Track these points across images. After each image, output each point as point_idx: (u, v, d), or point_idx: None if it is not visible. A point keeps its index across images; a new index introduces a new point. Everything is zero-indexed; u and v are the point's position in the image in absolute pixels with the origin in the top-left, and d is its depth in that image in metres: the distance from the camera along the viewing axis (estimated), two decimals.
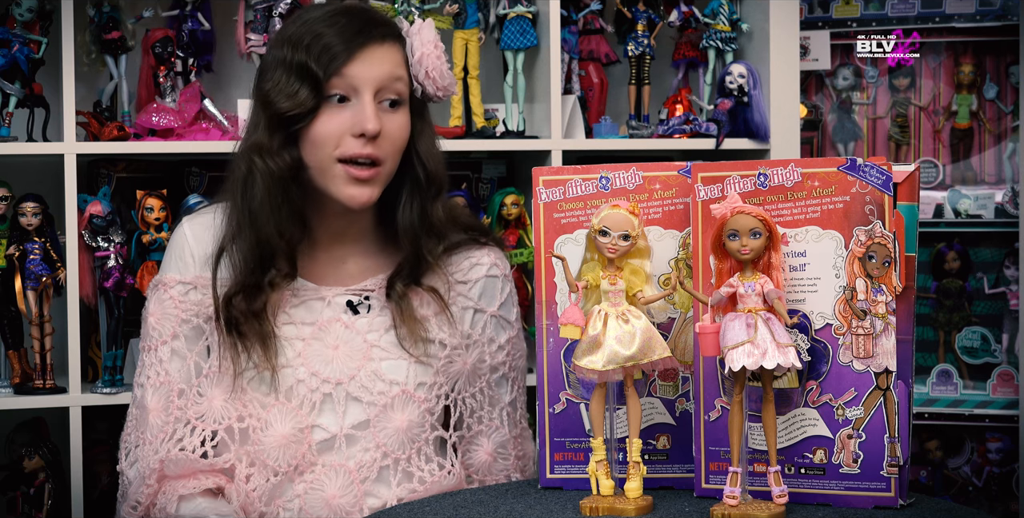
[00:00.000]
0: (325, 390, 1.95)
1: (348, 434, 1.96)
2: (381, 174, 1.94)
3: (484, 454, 2.05)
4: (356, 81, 1.91)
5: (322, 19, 1.94)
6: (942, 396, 3.22)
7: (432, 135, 2.01)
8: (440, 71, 1.96)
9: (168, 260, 2.03)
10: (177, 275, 2.00)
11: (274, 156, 1.92)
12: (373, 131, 1.90)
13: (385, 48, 1.94)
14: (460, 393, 2.04)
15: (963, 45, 3.29)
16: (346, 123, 1.91)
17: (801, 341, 1.67)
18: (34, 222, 2.53)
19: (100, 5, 2.65)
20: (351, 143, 1.91)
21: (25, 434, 2.64)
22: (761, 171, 1.67)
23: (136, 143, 2.62)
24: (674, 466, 1.79)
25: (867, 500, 1.66)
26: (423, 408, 1.99)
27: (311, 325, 1.97)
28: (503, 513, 1.68)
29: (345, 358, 1.96)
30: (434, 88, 1.97)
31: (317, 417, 1.95)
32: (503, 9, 2.80)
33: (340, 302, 1.99)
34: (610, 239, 1.66)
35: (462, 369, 2.03)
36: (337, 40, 1.91)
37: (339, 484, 1.94)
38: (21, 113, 2.59)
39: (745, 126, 2.87)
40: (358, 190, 1.93)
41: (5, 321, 2.60)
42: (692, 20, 2.93)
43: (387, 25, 1.97)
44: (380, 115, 1.92)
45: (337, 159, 1.92)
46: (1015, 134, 3.24)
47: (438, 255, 2.00)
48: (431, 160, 1.98)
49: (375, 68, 1.92)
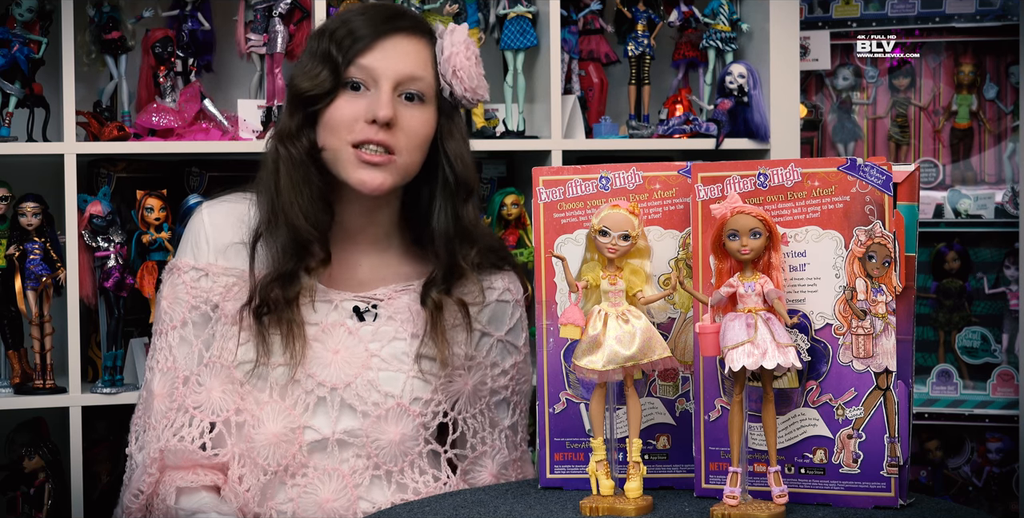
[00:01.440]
0: (320, 393, 1.94)
1: (340, 439, 1.95)
2: (395, 163, 1.93)
3: (488, 475, 2.05)
4: (375, 71, 1.93)
5: (357, 11, 1.98)
6: (942, 396, 3.22)
7: (462, 138, 2.00)
8: (468, 72, 1.95)
9: (184, 245, 2.03)
10: (191, 260, 2.00)
11: (294, 140, 1.94)
12: (385, 117, 1.90)
13: (411, 41, 1.95)
14: (461, 413, 2.02)
15: (963, 45, 3.29)
16: (360, 110, 1.93)
17: (801, 341, 1.67)
18: (34, 222, 2.53)
19: (100, 5, 2.65)
20: (364, 128, 1.92)
21: (25, 434, 2.64)
22: (761, 171, 1.67)
23: (136, 143, 2.62)
24: (674, 466, 1.79)
25: (867, 500, 1.66)
26: (417, 422, 1.98)
27: (315, 326, 1.96)
28: (503, 513, 1.68)
29: (344, 364, 1.95)
30: (462, 89, 1.96)
31: (310, 418, 1.95)
32: (503, 9, 2.80)
33: (347, 307, 1.99)
34: (610, 239, 1.66)
35: (462, 389, 2.02)
36: (363, 27, 1.94)
37: (332, 488, 1.94)
38: (21, 113, 2.59)
39: (745, 126, 2.87)
40: (368, 174, 1.93)
41: (5, 321, 2.60)
42: (692, 20, 2.93)
43: (417, 20, 1.99)
44: (397, 106, 1.93)
45: (350, 144, 1.93)
46: (1015, 134, 3.24)
47: (472, 261, 1.99)
48: (459, 161, 1.98)
49: (396, 60, 1.93)
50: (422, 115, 1.95)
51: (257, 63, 2.71)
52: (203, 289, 1.98)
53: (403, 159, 1.94)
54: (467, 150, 2.00)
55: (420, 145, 1.96)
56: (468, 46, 1.97)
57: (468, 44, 1.97)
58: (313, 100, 1.94)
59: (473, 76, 1.96)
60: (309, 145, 1.95)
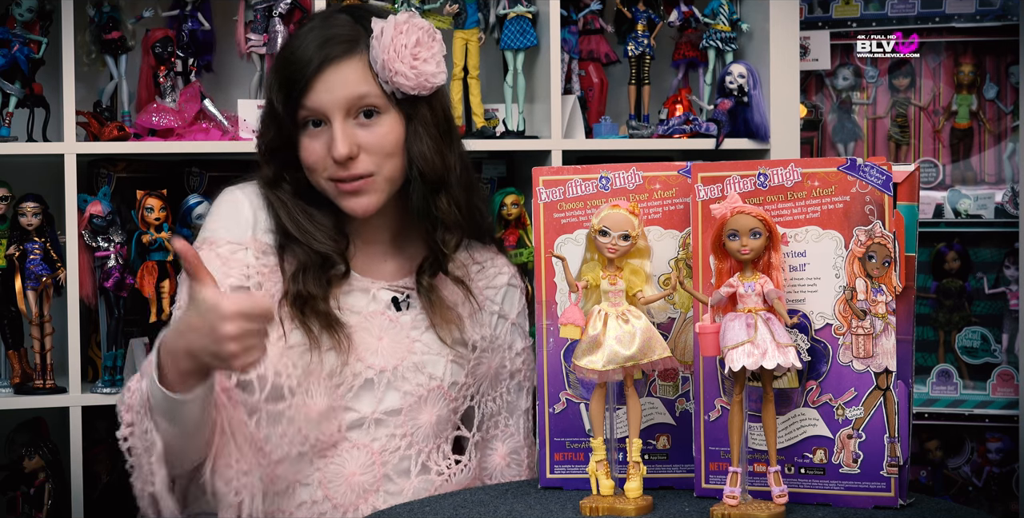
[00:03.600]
0: (368, 375, 1.98)
1: (379, 418, 1.99)
2: (375, 182, 1.96)
3: (498, 458, 2.11)
4: (321, 108, 1.94)
5: (294, 39, 2.00)
6: (942, 396, 3.22)
7: (427, 133, 1.98)
8: (406, 73, 1.93)
9: (216, 221, 2.02)
10: (226, 234, 1.99)
11: (278, 185, 2.00)
12: (341, 157, 1.92)
13: (347, 65, 1.94)
14: (483, 396, 2.09)
15: (963, 45, 3.29)
16: (324, 148, 1.95)
17: (801, 341, 1.67)
18: (34, 222, 2.53)
19: (100, 5, 2.65)
20: (333, 167, 1.95)
21: (25, 434, 2.64)
22: (761, 171, 1.67)
23: (136, 143, 2.62)
24: (674, 466, 1.79)
25: (867, 500, 1.66)
26: (451, 406, 2.04)
27: (357, 314, 2.00)
28: (503, 513, 1.68)
29: (390, 349, 2.00)
30: (409, 87, 1.94)
31: (353, 400, 1.97)
32: (503, 9, 2.80)
33: (384, 297, 2.03)
34: (610, 239, 1.66)
35: (487, 372, 2.08)
36: (297, 69, 1.94)
37: (360, 463, 1.97)
38: (21, 113, 2.59)
39: (745, 126, 2.86)
40: (354, 202, 1.97)
41: (5, 321, 2.60)
42: (692, 20, 2.93)
43: (348, 37, 1.96)
44: (356, 132, 1.94)
45: (328, 179, 1.97)
46: (1015, 134, 3.24)
47: (452, 247, 2.02)
48: (422, 160, 1.97)
49: (338, 90, 1.93)
50: (382, 128, 1.96)
51: (257, 63, 2.71)
52: (241, 262, 1.97)
53: (382, 175, 1.97)
54: (433, 145, 1.99)
55: (393, 154, 1.97)
56: (398, 46, 1.92)
57: (398, 42, 1.92)
58: (279, 150, 1.98)
59: (411, 75, 1.93)
60: (292, 187, 1.99)
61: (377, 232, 2.06)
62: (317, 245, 1.97)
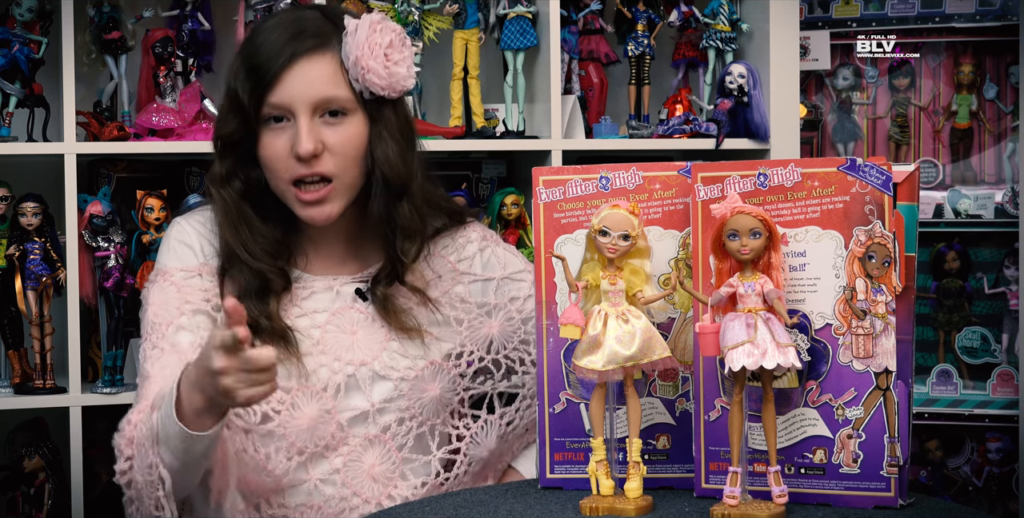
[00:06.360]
0: (348, 371, 1.97)
1: (380, 407, 1.98)
2: (336, 189, 1.92)
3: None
4: (288, 104, 1.89)
5: (262, 31, 1.94)
6: (942, 396, 3.22)
7: (391, 137, 1.95)
8: (378, 72, 1.89)
9: (165, 253, 2.01)
10: (178, 263, 1.98)
11: (225, 184, 1.95)
12: (306, 153, 1.88)
13: (317, 61, 1.90)
14: (498, 353, 2.07)
15: (963, 45, 3.29)
16: (287, 145, 1.90)
17: (801, 341, 1.67)
18: (34, 222, 2.53)
19: (100, 5, 2.65)
20: (295, 165, 1.90)
21: (25, 434, 2.64)
22: (761, 171, 1.67)
23: (136, 143, 2.62)
24: (674, 466, 1.79)
25: (867, 500, 1.66)
26: (454, 374, 2.03)
27: (324, 313, 1.99)
28: (503, 513, 1.68)
29: (366, 341, 1.98)
30: (379, 87, 1.91)
31: (344, 399, 1.97)
32: (503, 9, 2.80)
33: (348, 291, 2.01)
34: (610, 239, 1.66)
35: (489, 333, 2.07)
36: (266, 60, 1.89)
37: (376, 453, 1.98)
38: (21, 113, 2.59)
39: (745, 126, 2.87)
40: (315, 210, 1.93)
41: (5, 321, 2.60)
42: (692, 20, 2.93)
43: (320, 32, 1.92)
44: (322, 130, 1.90)
45: (289, 182, 1.92)
46: (1015, 134, 3.24)
47: (413, 256, 1.99)
48: (386, 164, 1.93)
49: (304, 87, 1.89)
50: (348, 130, 1.92)
51: None
52: (198, 287, 1.96)
53: (342, 181, 1.93)
54: (398, 149, 1.95)
55: (355, 159, 1.93)
56: (372, 44, 1.89)
57: (372, 40, 1.89)
58: (237, 144, 1.93)
59: (383, 74, 1.90)
60: (243, 186, 1.94)
61: (333, 238, 2.01)
62: (254, 263, 1.93)
